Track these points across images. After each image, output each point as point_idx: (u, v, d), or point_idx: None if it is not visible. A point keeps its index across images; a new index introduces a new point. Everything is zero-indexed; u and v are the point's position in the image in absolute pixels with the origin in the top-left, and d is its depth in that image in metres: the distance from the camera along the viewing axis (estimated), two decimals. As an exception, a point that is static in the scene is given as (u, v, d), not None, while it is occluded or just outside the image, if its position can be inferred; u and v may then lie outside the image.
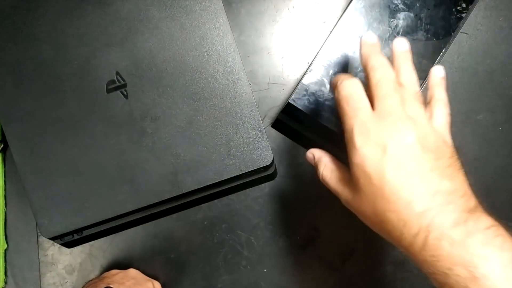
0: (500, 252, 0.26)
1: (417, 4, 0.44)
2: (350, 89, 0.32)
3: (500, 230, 0.27)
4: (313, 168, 0.38)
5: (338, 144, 0.45)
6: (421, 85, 0.44)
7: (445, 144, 0.31)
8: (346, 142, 0.32)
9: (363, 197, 0.31)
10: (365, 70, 0.34)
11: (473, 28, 0.46)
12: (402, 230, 0.29)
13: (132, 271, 0.46)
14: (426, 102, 0.36)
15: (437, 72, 0.37)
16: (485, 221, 0.27)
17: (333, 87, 0.34)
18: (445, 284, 0.27)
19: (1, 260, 0.48)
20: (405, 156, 0.29)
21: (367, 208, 0.31)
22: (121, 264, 0.48)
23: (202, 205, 0.48)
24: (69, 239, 0.44)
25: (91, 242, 0.49)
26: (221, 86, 0.41)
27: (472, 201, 0.29)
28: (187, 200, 0.44)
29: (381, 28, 0.44)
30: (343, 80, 0.33)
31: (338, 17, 0.48)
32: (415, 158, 0.29)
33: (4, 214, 0.49)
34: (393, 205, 0.29)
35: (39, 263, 0.49)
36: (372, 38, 0.36)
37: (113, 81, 0.42)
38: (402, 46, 0.36)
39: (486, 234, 0.27)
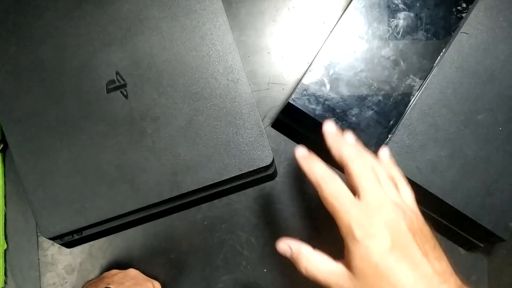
0: None
1: (417, 4, 0.44)
2: (335, 187, 0.34)
3: None
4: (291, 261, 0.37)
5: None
6: (421, 85, 0.44)
7: (423, 224, 0.34)
8: (344, 236, 0.33)
9: (368, 285, 0.32)
10: (339, 160, 0.36)
11: (474, 28, 0.46)
12: None
13: (132, 271, 0.46)
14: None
15: (383, 155, 0.40)
16: None
17: (313, 183, 0.35)
18: None
19: (1, 260, 0.48)
20: (404, 246, 0.32)
21: None
22: (121, 264, 0.48)
23: (202, 205, 0.48)
24: (69, 239, 0.44)
25: (91, 242, 0.49)
26: (221, 86, 0.41)
27: (458, 278, 0.32)
28: (187, 200, 0.44)
29: (381, 28, 0.44)
30: (322, 177, 0.34)
31: (338, 17, 0.48)
32: (411, 246, 0.32)
33: (4, 214, 0.49)
34: None
35: (39, 263, 0.49)
36: (331, 128, 0.38)
37: (113, 81, 0.41)
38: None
39: None
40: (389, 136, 0.44)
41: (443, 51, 0.44)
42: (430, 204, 0.46)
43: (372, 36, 0.44)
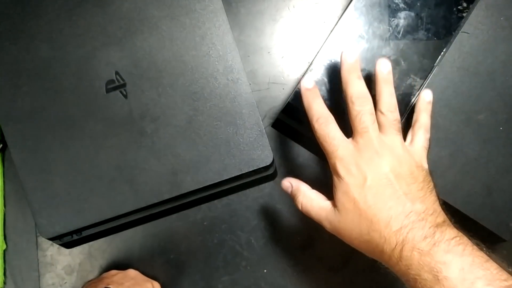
0: (459, 258, 0.30)
1: (418, 3, 0.44)
2: (325, 128, 0.37)
3: (463, 239, 0.32)
4: (290, 197, 0.40)
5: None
6: (421, 85, 0.44)
7: (418, 169, 0.36)
8: (332, 174, 0.37)
9: (349, 221, 0.35)
10: (344, 96, 0.38)
11: (474, 28, 0.46)
12: (383, 246, 0.33)
13: (131, 272, 0.46)
14: (412, 122, 0.41)
15: (426, 96, 0.41)
16: (450, 233, 0.32)
17: (309, 119, 0.38)
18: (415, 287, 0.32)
19: (0, 260, 0.48)
20: (382, 184, 0.34)
21: (354, 231, 0.35)
22: (120, 265, 0.48)
23: (202, 205, 0.48)
24: (68, 240, 0.43)
25: (90, 243, 0.48)
26: (221, 85, 0.41)
27: (440, 217, 0.34)
28: (187, 200, 0.44)
29: (381, 28, 0.44)
30: (318, 119, 0.37)
31: (339, 17, 0.48)
32: (390, 185, 0.34)
33: (3, 214, 0.49)
34: (375, 225, 0.34)
35: (38, 263, 0.49)
36: (351, 57, 0.38)
37: (112, 81, 0.41)
38: (384, 68, 0.38)
39: (449, 244, 0.31)
40: (390, 136, 0.44)
41: (444, 50, 0.44)
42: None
43: (373, 35, 0.44)
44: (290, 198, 0.40)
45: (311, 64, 0.44)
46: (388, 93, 0.38)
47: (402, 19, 0.44)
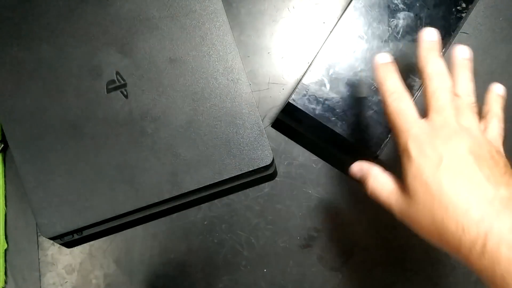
0: None
1: (417, 4, 0.44)
2: (400, 103, 0.34)
3: None
4: (354, 183, 0.37)
5: (338, 144, 0.45)
6: (420, 85, 0.44)
7: (498, 154, 0.32)
8: (401, 155, 0.33)
9: (420, 207, 0.31)
10: (421, 74, 0.35)
11: (473, 28, 0.46)
12: (460, 238, 0.29)
13: None
14: (482, 115, 0.37)
15: (497, 89, 0.39)
16: None
17: (381, 95, 0.35)
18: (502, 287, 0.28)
19: (1, 260, 0.48)
20: (460, 166, 0.30)
21: (425, 218, 0.31)
22: (121, 264, 0.48)
23: (202, 205, 0.48)
24: (69, 239, 0.44)
25: (91, 242, 0.49)
26: (221, 86, 0.41)
27: None
28: (187, 200, 0.44)
29: (381, 28, 0.44)
30: (391, 94, 0.34)
31: (338, 17, 0.48)
32: (470, 168, 0.30)
33: (4, 214, 0.49)
34: (451, 213, 0.29)
35: (39, 263, 0.49)
36: (432, 36, 0.35)
37: (113, 81, 0.42)
38: (464, 53, 0.37)
39: None
40: (389, 135, 0.44)
41: (443, 51, 0.44)
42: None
43: (372, 36, 0.44)
44: (359, 183, 0.37)
45: (311, 64, 0.45)
46: (466, 77, 0.36)
47: (401, 19, 0.44)
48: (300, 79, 0.44)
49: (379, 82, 0.36)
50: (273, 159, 0.42)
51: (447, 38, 0.45)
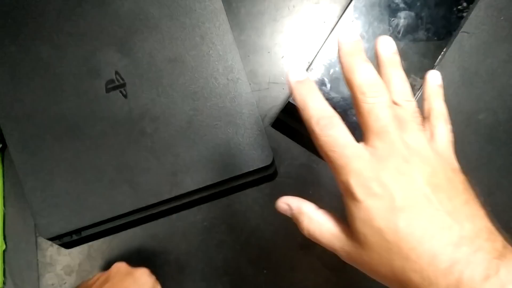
0: None
1: (418, 3, 0.44)
2: (331, 131, 0.27)
3: None
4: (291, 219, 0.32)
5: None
6: (421, 85, 0.44)
7: (454, 173, 0.28)
8: (342, 194, 0.27)
9: (375, 256, 0.26)
10: (349, 86, 0.28)
11: (474, 27, 0.46)
12: None
13: (113, 268, 0.41)
14: (423, 113, 0.32)
15: (434, 79, 0.33)
16: None
17: (305, 123, 0.29)
18: None
19: (0, 260, 0.48)
20: (417, 204, 0.25)
21: (382, 267, 0.26)
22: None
23: (202, 205, 0.48)
24: (68, 240, 0.43)
25: (90, 243, 0.48)
26: (221, 85, 0.41)
27: (499, 241, 0.25)
28: (187, 201, 0.44)
29: (381, 28, 0.44)
30: (318, 121, 0.27)
31: (339, 16, 0.48)
32: (429, 204, 0.25)
33: (2, 214, 0.49)
34: (414, 263, 0.25)
35: (37, 264, 0.48)
36: (351, 36, 0.28)
37: (112, 81, 0.41)
38: (388, 47, 0.30)
39: None
40: (390, 136, 0.44)
41: (444, 50, 0.44)
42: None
43: (373, 35, 0.44)
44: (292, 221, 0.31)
45: (311, 64, 0.44)
46: (399, 77, 0.30)
47: (402, 19, 0.44)
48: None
49: (299, 106, 0.28)
50: (273, 159, 0.42)
51: (448, 37, 0.44)
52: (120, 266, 0.42)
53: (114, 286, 0.39)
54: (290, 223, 0.48)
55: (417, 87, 0.44)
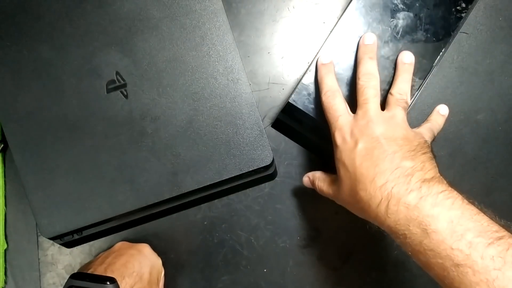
0: (448, 211, 0.30)
1: (417, 4, 0.44)
2: (332, 100, 0.40)
3: (452, 193, 0.32)
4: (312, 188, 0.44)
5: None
6: (420, 85, 0.44)
7: (415, 137, 0.36)
8: (333, 144, 0.39)
9: (343, 186, 0.37)
10: (357, 74, 0.41)
11: (473, 28, 0.46)
12: (369, 203, 0.34)
13: (116, 246, 0.45)
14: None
15: (406, 59, 0.43)
16: (438, 187, 0.32)
17: (319, 91, 0.42)
18: (406, 244, 0.32)
19: (1, 260, 0.48)
20: (371, 147, 0.35)
21: (347, 194, 0.37)
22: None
23: (202, 205, 0.48)
24: (69, 239, 0.44)
25: (91, 242, 0.48)
26: (221, 86, 0.41)
27: (430, 173, 0.33)
28: (187, 200, 0.44)
29: (381, 28, 0.44)
30: (326, 92, 0.40)
31: (338, 17, 0.48)
32: (380, 147, 0.35)
33: (4, 214, 0.49)
34: (362, 184, 0.35)
35: (39, 263, 0.49)
36: (370, 39, 0.42)
37: (113, 81, 0.41)
38: (407, 59, 0.42)
39: (437, 197, 0.31)
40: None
41: (443, 51, 0.45)
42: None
43: (372, 36, 0.44)
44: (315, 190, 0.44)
45: (311, 64, 0.45)
46: (403, 79, 0.41)
47: (401, 19, 0.44)
48: (300, 79, 0.44)
49: (319, 81, 0.42)
50: (273, 159, 0.43)
51: (446, 38, 0.45)
52: (123, 243, 0.45)
53: (118, 257, 0.41)
54: (290, 223, 0.49)
55: (415, 87, 0.44)
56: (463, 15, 0.45)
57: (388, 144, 0.35)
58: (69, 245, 0.46)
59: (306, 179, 0.45)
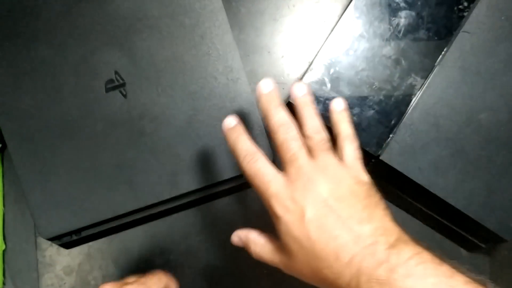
0: (422, 281, 0.28)
1: (419, 3, 0.44)
2: (254, 165, 0.33)
3: (422, 256, 0.29)
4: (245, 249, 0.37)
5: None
6: (422, 84, 0.44)
7: (358, 185, 0.33)
8: (270, 215, 0.33)
9: (299, 261, 0.32)
10: (267, 128, 0.35)
11: (475, 27, 0.46)
12: (337, 282, 0.30)
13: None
14: (334, 139, 0.37)
15: (337, 106, 0.37)
16: (406, 252, 0.29)
17: (236, 161, 0.35)
18: None
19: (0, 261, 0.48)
20: (322, 214, 0.31)
21: (306, 270, 0.32)
22: (119, 265, 0.48)
23: (201, 205, 0.48)
24: (68, 240, 0.43)
25: (90, 243, 0.48)
26: (221, 85, 0.41)
27: (393, 235, 0.30)
28: (187, 201, 0.44)
29: (382, 27, 0.44)
30: (244, 157, 0.34)
31: (339, 16, 0.47)
32: (332, 213, 0.31)
33: (2, 214, 0.49)
34: (325, 262, 0.30)
35: (37, 264, 0.48)
36: (267, 87, 0.35)
37: (111, 80, 0.41)
38: (300, 91, 0.36)
39: (408, 266, 0.28)
40: (390, 135, 0.43)
41: (445, 50, 0.44)
42: (431, 204, 0.46)
43: (373, 35, 0.44)
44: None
45: (311, 63, 0.44)
46: (309, 115, 0.35)
47: (403, 18, 0.44)
48: (301, 79, 0.44)
49: (231, 148, 0.35)
50: (273, 159, 0.42)
51: (448, 37, 0.44)
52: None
53: None
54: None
55: (417, 87, 0.44)
56: (465, 14, 0.45)
57: (339, 207, 0.31)
58: (67, 246, 0.46)
59: (236, 239, 0.37)
